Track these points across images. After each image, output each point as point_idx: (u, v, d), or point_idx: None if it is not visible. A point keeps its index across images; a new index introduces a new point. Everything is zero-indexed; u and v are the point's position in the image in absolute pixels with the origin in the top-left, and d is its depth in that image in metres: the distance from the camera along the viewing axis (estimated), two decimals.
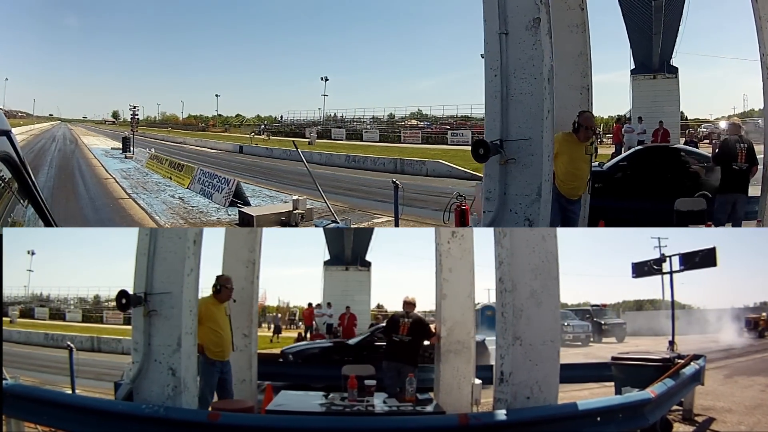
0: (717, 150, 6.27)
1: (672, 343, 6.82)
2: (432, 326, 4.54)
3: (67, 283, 24.94)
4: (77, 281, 25.86)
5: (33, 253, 22.01)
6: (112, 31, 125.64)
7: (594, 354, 10.32)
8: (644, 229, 10.74)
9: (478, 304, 17.59)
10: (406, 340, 4.39)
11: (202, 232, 3.22)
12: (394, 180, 6.38)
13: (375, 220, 11.04)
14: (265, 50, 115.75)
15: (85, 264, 29.77)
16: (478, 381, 4.45)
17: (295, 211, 10.71)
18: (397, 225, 7.62)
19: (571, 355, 10.43)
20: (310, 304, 12.71)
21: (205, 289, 3.72)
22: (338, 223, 8.97)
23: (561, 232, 3.90)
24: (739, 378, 6.56)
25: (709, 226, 5.90)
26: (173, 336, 3.11)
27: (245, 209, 11.30)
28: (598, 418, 3.23)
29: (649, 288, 16.46)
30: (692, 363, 4.48)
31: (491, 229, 3.80)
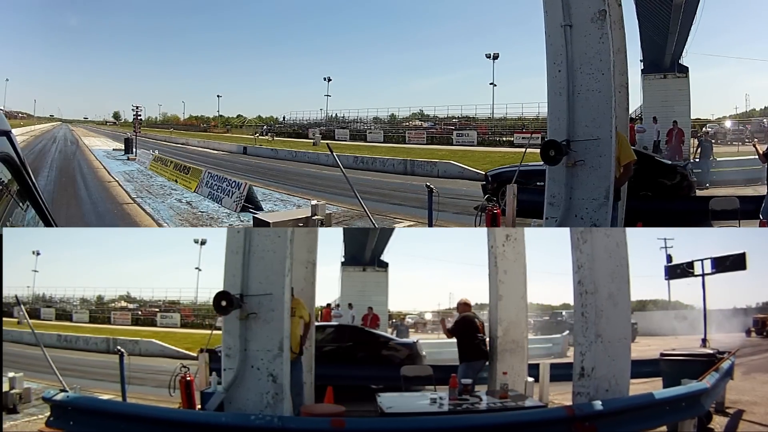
0: None
1: (705, 340, 7.28)
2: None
3: (68, 284, 24.67)
4: (78, 281, 25.66)
5: (38, 254, 22.01)
6: (114, 31, 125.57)
7: None
8: (648, 230, 10.86)
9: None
10: (483, 339, 4.54)
11: (294, 231, 3.07)
12: (428, 184, 6.23)
13: (397, 225, 10.83)
14: (265, 50, 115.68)
15: (85, 264, 29.65)
16: (530, 378, 4.59)
17: (314, 217, 10.11)
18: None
19: None
20: (328, 305, 12.64)
21: None
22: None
23: (562, 231, 4.08)
24: (756, 375, 6.70)
25: (765, 224, 5.90)
26: (274, 340, 2.96)
27: (260, 215, 10.75)
28: (667, 407, 3.48)
29: (649, 288, 16.54)
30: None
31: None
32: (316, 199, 10.15)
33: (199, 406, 3.95)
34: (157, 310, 21.17)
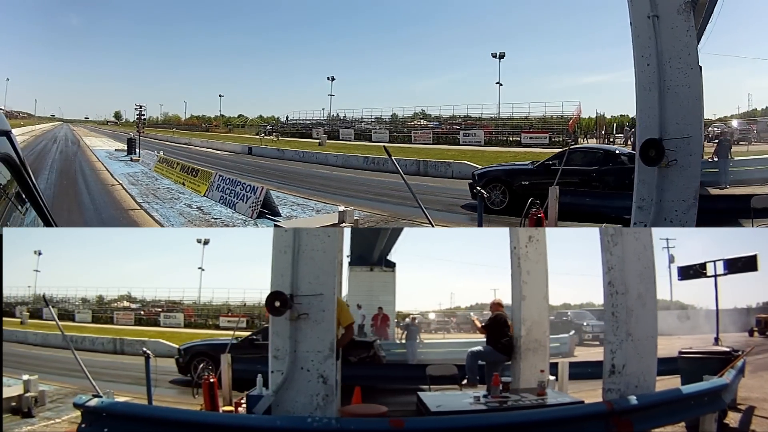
0: None
1: (717, 339, 7.49)
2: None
3: (68, 284, 24.53)
4: (78, 282, 25.53)
5: (40, 253, 21.94)
6: (115, 31, 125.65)
7: None
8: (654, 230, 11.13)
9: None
10: (511, 338, 4.70)
11: (341, 231, 3.07)
12: (478, 188, 6.04)
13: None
14: (265, 50, 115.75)
15: (86, 264, 29.54)
16: (552, 377, 4.70)
17: (342, 225, 9.59)
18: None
19: (594, 355, 10.57)
20: None
21: None
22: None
23: (556, 231, 4.17)
24: (762, 373, 6.77)
25: None
26: (325, 341, 2.93)
27: (281, 222, 10.30)
28: (692, 402, 3.66)
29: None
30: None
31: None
32: (343, 205, 9.82)
33: (229, 409, 3.94)
34: (159, 310, 21.11)
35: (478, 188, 5.88)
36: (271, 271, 3.05)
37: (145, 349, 4.20)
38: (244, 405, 3.74)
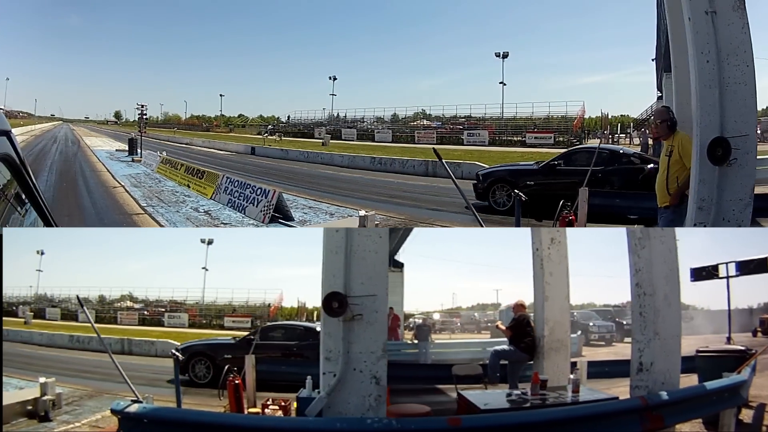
0: None
1: (729, 338, 7.56)
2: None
3: (71, 284, 24.44)
4: (80, 282, 25.45)
5: (42, 253, 21.90)
6: (115, 30, 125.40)
7: (622, 353, 10.56)
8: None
9: (501, 305, 17.65)
10: (534, 339, 4.83)
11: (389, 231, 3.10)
12: (517, 191, 5.96)
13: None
14: (266, 50, 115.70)
15: (87, 264, 29.50)
16: (573, 376, 4.74)
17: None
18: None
19: (602, 355, 10.67)
20: None
21: None
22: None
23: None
24: None
25: None
26: (378, 342, 2.97)
27: (297, 227, 9.96)
28: (714, 397, 3.81)
29: None
30: None
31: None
32: (362, 209, 9.43)
33: (255, 411, 3.90)
34: (163, 310, 21.10)
35: (516, 191, 5.95)
36: (322, 271, 3.07)
37: (174, 350, 4.12)
38: (271, 407, 3.77)
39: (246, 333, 8.63)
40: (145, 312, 21.13)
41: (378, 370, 2.98)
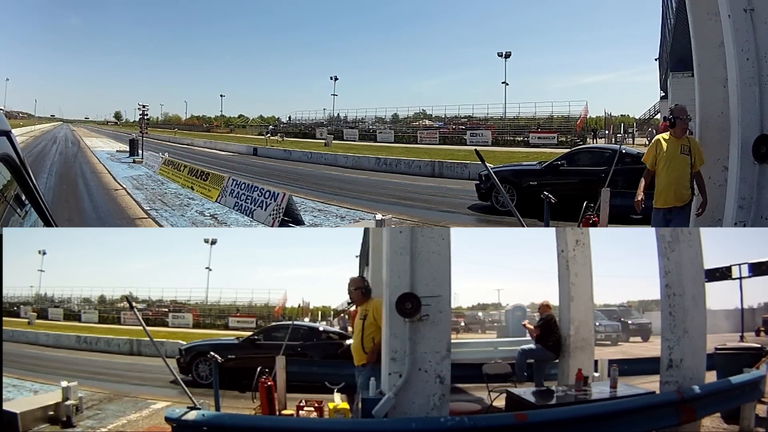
0: None
1: (742, 337, 8.04)
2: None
3: (73, 284, 24.32)
4: (81, 282, 25.37)
5: (44, 253, 21.81)
6: (115, 31, 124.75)
7: (628, 352, 10.75)
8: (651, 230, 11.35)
9: (507, 305, 17.78)
10: (560, 338, 4.97)
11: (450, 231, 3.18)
12: (546, 193, 5.93)
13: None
14: (266, 50, 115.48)
15: (88, 264, 29.38)
16: (596, 374, 4.99)
17: None
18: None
19: (609, 354, 10.83)
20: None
21: None
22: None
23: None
24: None
25: None
26: (443, 342, 3.03)
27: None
28: (737, 392, 4.03)
29: (650, 288, 16.95)
30: None
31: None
32: (378, 212, 9.23)
33: (288, 413, 3.90)
34: (166, 310, 21.08)
35: (545, 192, 5.96)
36: (388, 272, 3.10)
37: (212, 353, 4.11)
38: (306, 408, 3.82)
39: (250, 333, 8.60)
40: (149, 312, 21.09)
41: (442, 369, 3.05)
